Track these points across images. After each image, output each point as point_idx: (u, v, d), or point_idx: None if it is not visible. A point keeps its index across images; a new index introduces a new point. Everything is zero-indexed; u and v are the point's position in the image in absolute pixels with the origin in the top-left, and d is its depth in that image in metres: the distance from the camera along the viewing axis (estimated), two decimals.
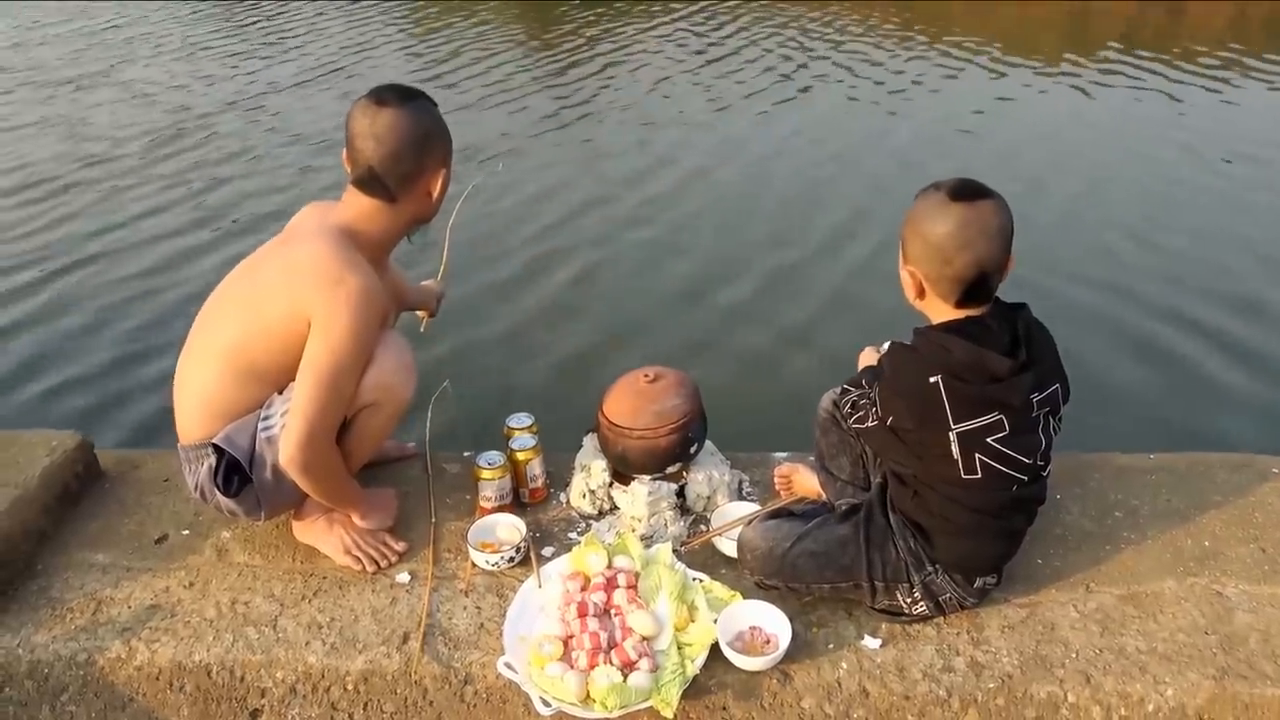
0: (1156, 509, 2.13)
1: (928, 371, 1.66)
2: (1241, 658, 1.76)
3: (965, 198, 1.63)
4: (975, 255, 1.62)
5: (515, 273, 4.72)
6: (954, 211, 1.63)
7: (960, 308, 1.70)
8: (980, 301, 1.69)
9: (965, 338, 1.66)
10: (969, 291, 1.67)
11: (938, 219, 1.64)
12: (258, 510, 2.03)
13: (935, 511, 1.77)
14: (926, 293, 1.71)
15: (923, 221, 1.66)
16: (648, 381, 2.16)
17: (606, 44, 9.12)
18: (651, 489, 2.13)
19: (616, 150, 6.37)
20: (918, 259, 1.69)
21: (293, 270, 1.90)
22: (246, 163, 6.30)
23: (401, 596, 2.00)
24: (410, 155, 1.91)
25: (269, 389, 1.97)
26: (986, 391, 1.66)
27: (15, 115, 7.49)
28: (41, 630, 1.96)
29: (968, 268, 1.63)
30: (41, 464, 2.25)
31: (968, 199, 1.63)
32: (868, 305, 4.17)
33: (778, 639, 1.80)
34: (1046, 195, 5.33)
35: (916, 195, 1.71)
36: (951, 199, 1.63)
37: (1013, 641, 1.82)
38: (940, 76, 7.67)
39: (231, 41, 9.53)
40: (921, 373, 1.67)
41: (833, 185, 5.65)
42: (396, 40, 9.44)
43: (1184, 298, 4.24)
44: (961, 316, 1.70)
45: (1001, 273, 1.68)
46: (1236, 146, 5.97)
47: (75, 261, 5.00)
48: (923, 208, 1.67)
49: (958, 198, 1.63)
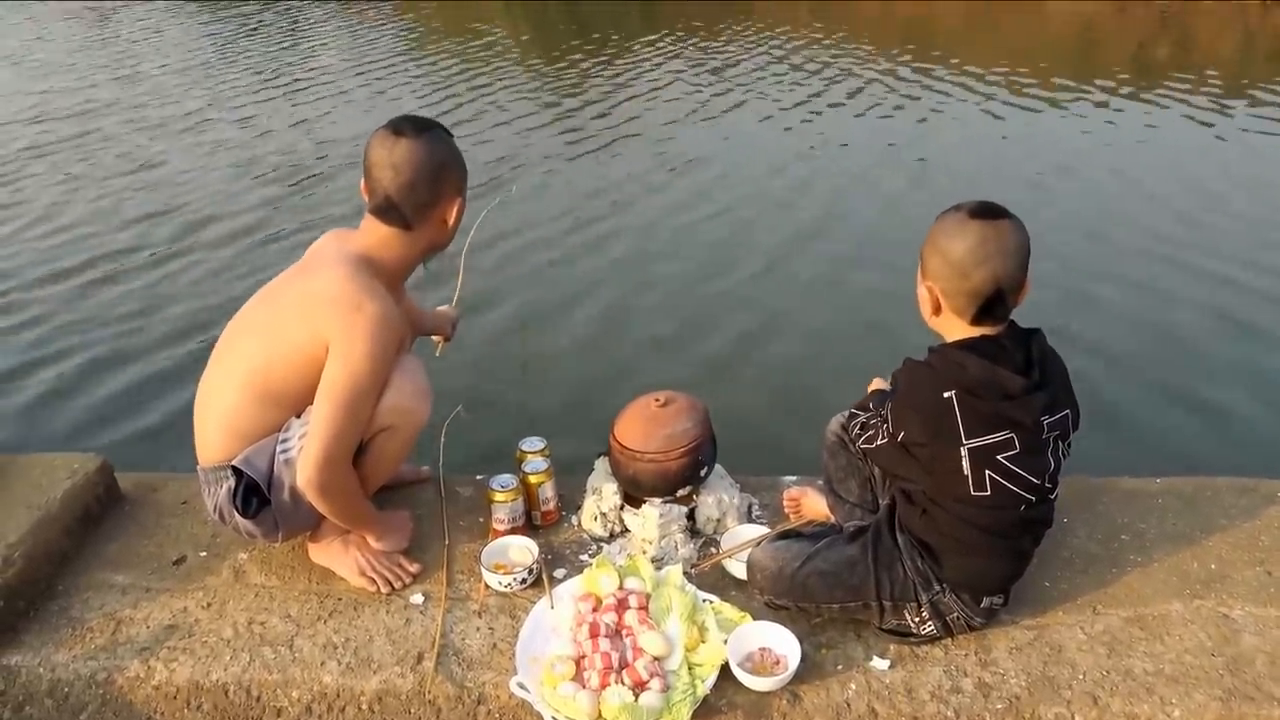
0: (1163, 532, 2.14)
1: (942, 386, 1.69)
2: (1248, 680, 1.76)
3: (985, 216, 1.68)
4: (993, 271, 1.66)
5: (528, 297, 4.77)
6: (973, 228, 1.67)
7: (975, 325, 1.73)
8: (995, 320, 1.73)
9: (980, 355, 1.69)
10: (985, 308, 1.70)
11: (957, 235, 1.69)
12: (275, 532, 2.06)
13: (944, 530, 1.79)
14: (943, 308, 1.75)
15: (942, 238, 1.71)
16: (659, 406, 2.19)
17: (617, 70, 9.23)
18: (662, 512, 2.15)
19: (631, 176, 6.44)
20: (936, 274, 1.73)
21: (312, 297, 1.94)
22: (276, 187, 6.39)
23: (415, 617, 2.03)
24: (426, 185, 1.96)
25: (287, 412, 2.01)
26: (999, 409, 1.69)
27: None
28: (62, 649, 1.99)
29: (985, 283, 1.67)
30: (63, 486, 2.29)
31: (988, 217, 1.68)
32: (879, 330, 4.19)
33: (787, 660, 1.81)
34: (1063, 218, 5.37)
35: (938, 216, 1.76)
36: (971, 217, 1.68)
37: (1020, 663, 1.83)
38: (977, 110, 7.71)
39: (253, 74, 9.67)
40: (936, 387, 1.70)
41: (848, 213, 5.69)
42: (415, 77, 9.56)
43: (1194, 321, 4.27)
44: (977, 335, 1.73)
45: (1018, 293, 1.71)
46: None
47: (96, 286, 5.07)
48: (943, 225, 1.72)
49: (977, 216, 1.68)
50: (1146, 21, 10.72)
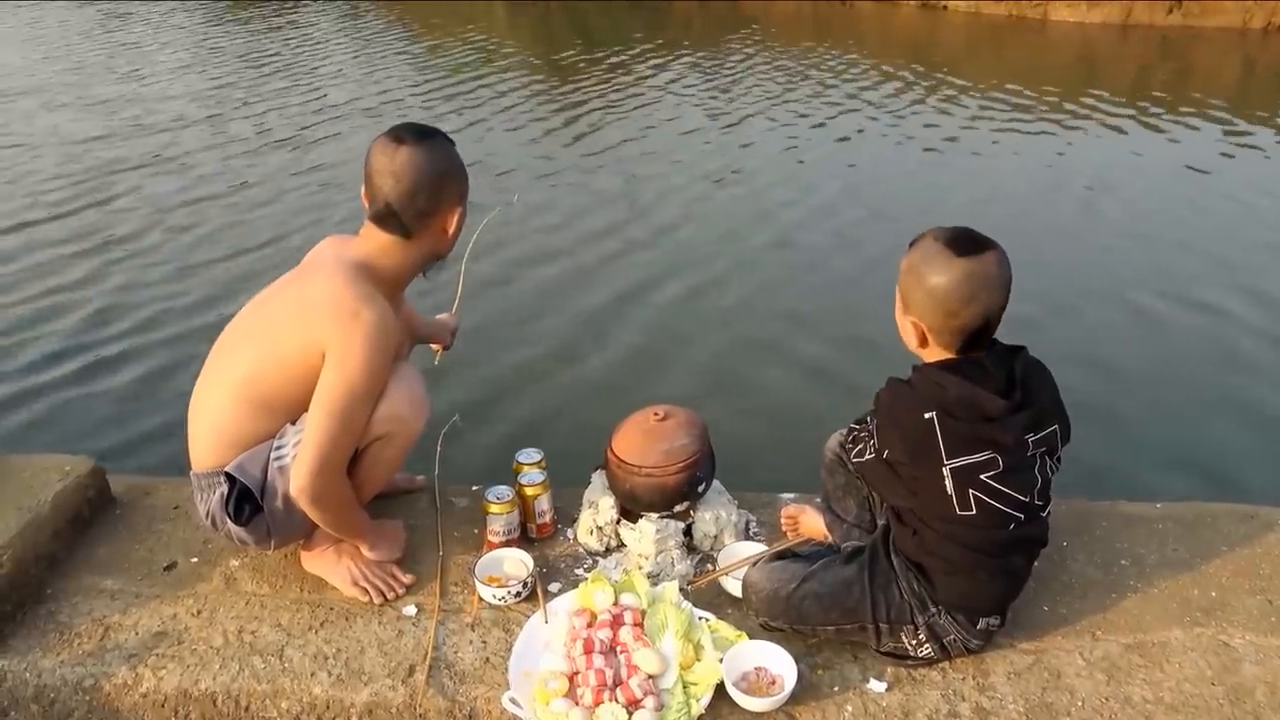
0: (1163, 558, 2.13)
1: (922, 407, 1.68)
2: (1248, 709, 1.75)
3: (969, 251, 1.64)
4: (982, 307, 1.64)
5: (528, 308, 4.75)
6: (959, 266, 1.63)
7: (961, 354, 1.72)
8: (979, 348, 1.72)
9: (961, 376, 1.68)
10: (971, 340, 1.69)
11: (941, 272, 1.64)
12: (268, 539, 2.04)
13: (934, 550, 1.78)
14: (930, 343, 1.73)
15: (926, 275, 1.66)
16: (657, 420, 2.18)
17: (620, 78, 9.24)
18: (659, 527, 2.13)
19: (631, 189, 6.42)
20: (921, 311, 1.70)
21: (308, 303, 1.93)
22: (271, 199, 6.37)
23: (408, 629, 2.00)
24: (426, 193, 1.94)
25: (282, 419, 1.99)
26: (979, 430, 1.68)
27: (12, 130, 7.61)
28: (49, 655, 1.97)
29: (974, 319, 1.65)
30: (54, 489, 2.27)
31: (973, 252, 1.64)
32: (879, 347, 4.17)
33: (783, 680, 1.79)
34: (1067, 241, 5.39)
35: (911, 244, 1.72)
36: (956, 254, 1.64)
37: (1018, 688, 1.81)
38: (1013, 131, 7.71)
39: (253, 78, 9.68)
40: (916, 408, 1.69)
41: (857, 232, 5.68)
42: (419, 84, 9.57)
43: (1191, 344, 4.27)
44: (959, 357, 1.72)
45: (999, 318, 1.70)
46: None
47: (92, 287, 5.05)
48: (924, 260, 1.67)
49: (962, 252, 1.64)
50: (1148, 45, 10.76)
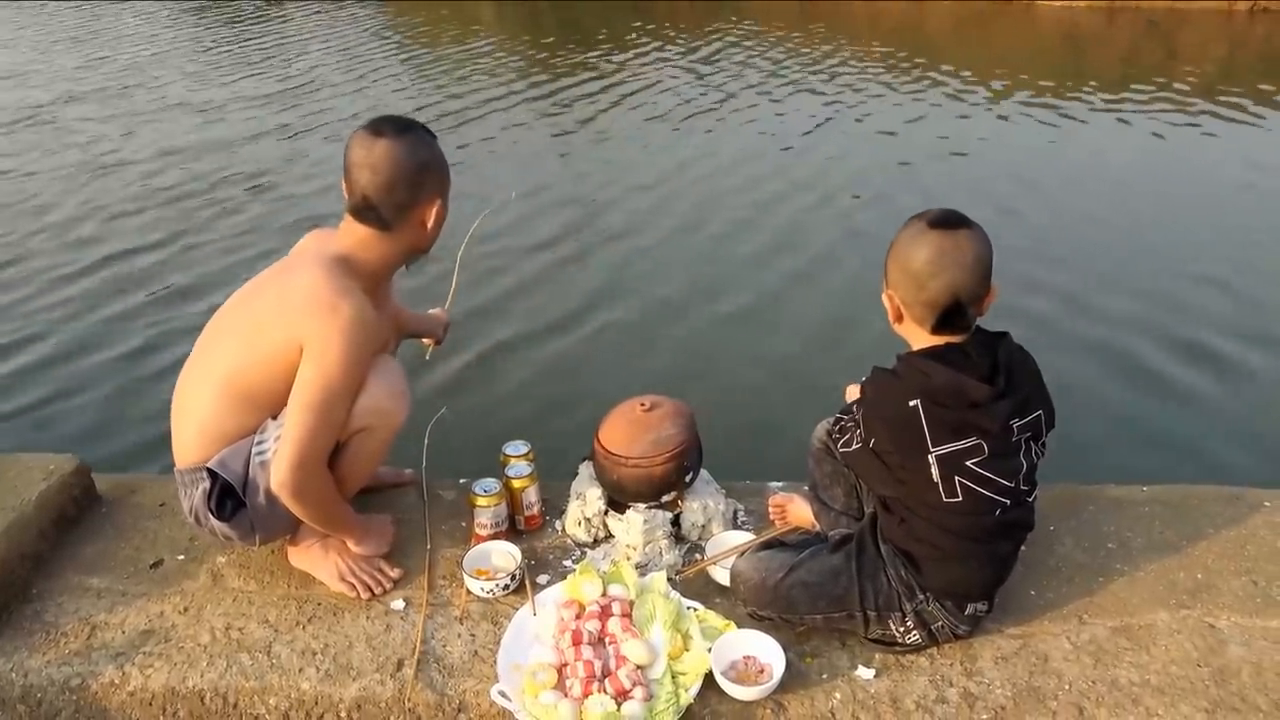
0: (1150, 541, 2.13)
1: (907, 395, 1.69)
2: (1234, 690, 1.76)
3: (943, 226, 1.68)
4: (950, 282, 1.67)
5: (515, 301, 4.74)
6: (931, 239, 1.68)
7: (937, 334, 1.73)
8: (958, 329, 1.73)
9: (945, 364, 1.69)
10: (944, 318, 1.71)
11: (915, 246, 1.69)
12: (252, 535, 2.04)
13: (921, 537, 1.78)
14: (904, 317, 1.76)
15: (902, 248, 1.72)
16: (644, 410, 2.17)
17: (610, 73, 9.22)
18: (647, 517, 2.13)
19: (622, 182, 6.41)
20: (895, 283, 1.74)
21: (288, 298, 1.92)
22: (257, 194, 6.34)
23: (396, 623, 2.00)
24: (405, 185, 1.93)
25: (264, 414, 1.98)
26: (964, 416, 1.69)
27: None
28: (35, 654, 1.96)
29: (942, 294, 1.67)
30: (38, 487, 2.26)
31: (946, 228, 1.68)
32: (864, 337, 4.18)
33: (772, 669, 1.79)
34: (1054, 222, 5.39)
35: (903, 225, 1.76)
36: (930, 227, 1.69)
37: (1006, 673, 1.82)
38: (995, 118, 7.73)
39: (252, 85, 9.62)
40: (901, 396, 1.70)
41: (841, 218, 5.68)
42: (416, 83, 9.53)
43: (1180, 327, 4.28)
44: (942, 343, 1.73)
45: (980, 302, 1.71)
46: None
47: (76, 286, 5.02)
48: (904, 236, 1.73)
49: (936, 226, 1.68)
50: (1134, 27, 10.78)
